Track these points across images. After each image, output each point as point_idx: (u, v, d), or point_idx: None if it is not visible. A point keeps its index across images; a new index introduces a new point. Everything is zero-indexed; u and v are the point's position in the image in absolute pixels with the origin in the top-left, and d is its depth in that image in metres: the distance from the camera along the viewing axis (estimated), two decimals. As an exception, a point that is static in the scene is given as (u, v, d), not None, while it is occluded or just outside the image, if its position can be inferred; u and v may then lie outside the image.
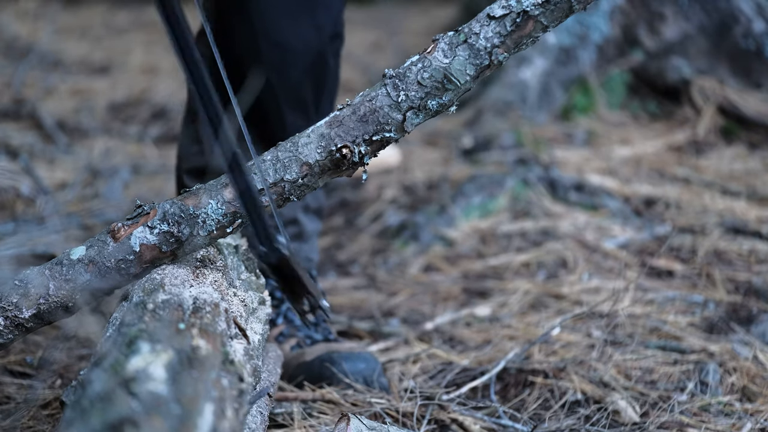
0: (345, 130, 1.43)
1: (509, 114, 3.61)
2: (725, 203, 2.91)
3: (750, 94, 3.65)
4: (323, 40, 1.92)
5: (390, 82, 1.43)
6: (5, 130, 3.48)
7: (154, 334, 1.18)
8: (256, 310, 1.57)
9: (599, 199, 2.94)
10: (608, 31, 3.86)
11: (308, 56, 1.91)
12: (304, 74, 1.92)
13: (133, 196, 2.82)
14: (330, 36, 1.94)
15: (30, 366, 1.88)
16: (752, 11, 3.76)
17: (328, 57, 1.94)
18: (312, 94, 1.93)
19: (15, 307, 1.42)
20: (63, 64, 4.63)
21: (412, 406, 1.79)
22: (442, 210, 2.86)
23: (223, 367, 1.22)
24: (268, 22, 1.88)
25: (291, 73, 1.91)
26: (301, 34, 1.90)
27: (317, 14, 1.91)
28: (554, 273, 2.50)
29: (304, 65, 1.92)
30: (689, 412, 1.82)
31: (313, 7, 1.90)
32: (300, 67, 1.91)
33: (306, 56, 1.91)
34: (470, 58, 1.41)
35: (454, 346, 2.13)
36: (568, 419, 1.80)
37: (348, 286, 2.50)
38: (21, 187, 2.78)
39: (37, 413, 1.68)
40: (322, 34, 1.92)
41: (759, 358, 2.00)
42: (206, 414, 1.07)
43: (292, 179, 1.44)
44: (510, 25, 1.40)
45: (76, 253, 1.43)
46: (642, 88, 3.83)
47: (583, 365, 1.97)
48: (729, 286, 2.40)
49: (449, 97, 1.42)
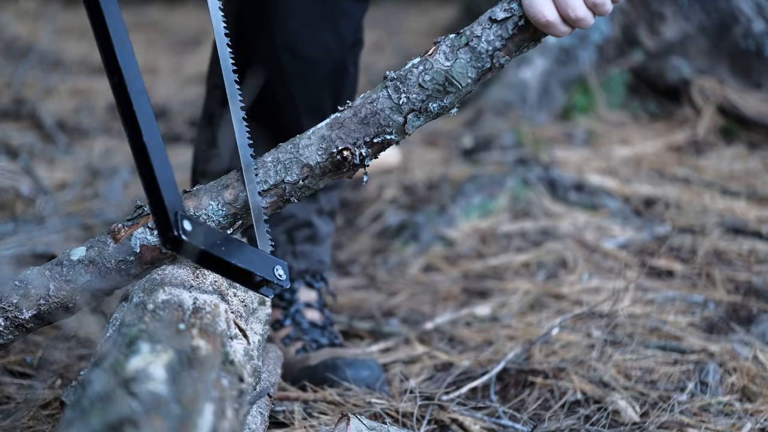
0: (346, 132, 1.43)
1: (509, 114, 3.61)
2: (725, 203, 2.91)
3: (750, 94, 3.65)
4: (344, 49, 1.90)
5: (391, 85, 1.42)
6: (5, 130, 3.48)
7: (154, 334, 1.18)
8: (256, 310, 1.57)
9: (599, 199, 2.94)
10: (608, 31, 3.86)
11: (329, 66, 1.89)
12: (324, 84, 1.90)
13: (133, 196, 2.82)
14: (351, 44, 1.91)
15: (30, 366, 1.88)
16: (752, 11, 3.76)
17: (348, 65, 1.92)
18: (330, 101, 1.90)
19: (15, 307, 1.42)
20: (63, 64, 4.62)
21: (412, 406, 1.79)
22: (442, 210, 2.86)
23: (223, 367, 1.22)
24: (288, 34, 1.85)
25: (311, 84, 1.89)
26: (322, 45, 1.87)
27: (339, 23, 1.88)
28: (554, 273, 2.50)
29: (325, 75, 1.89)
30: (689, 412, 1.82)
31: (334, 15, 1.87)
32: (320, 77, 1.89)
33: (327, 66, 1.89)
34: (472, 61, 1.40)
35: (454, 346, 2.13)
36: (568, 419, 1.80)
37: (348, 286, 2.50)
38: (21, 187, 2.78)
39: (37, 413, 1.68)
40: (343, 43, 1.89)
41: (759, 358, 2.00)
42: (206, 414, 1.07)
43: (293, 181, 1.44)
44: (512, 28, 1.40)
45: (76, 254, 1.43)
46: (642, 88, 3.83)
47: (583, 365, 1.97)
48: (729, 286, 2.40)
49: (450, 100, 1.42)
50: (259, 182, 1.43)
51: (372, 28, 1.93)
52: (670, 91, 3.77)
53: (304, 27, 1.86)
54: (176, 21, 5.60)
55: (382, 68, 4.39)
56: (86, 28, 1.30)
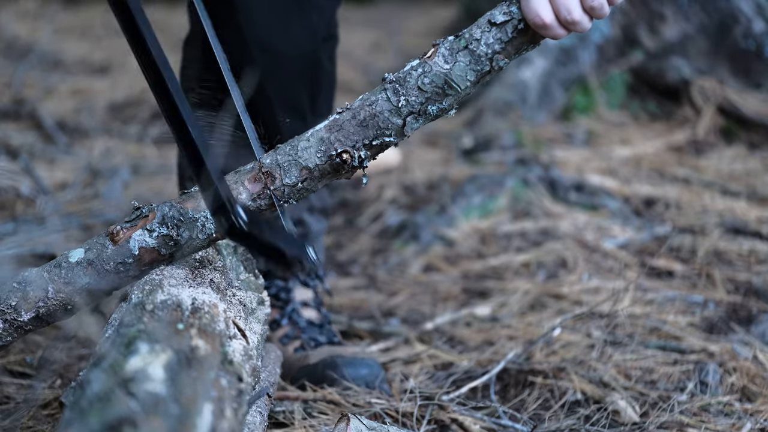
0: (345, 135, 1.43)
1: (509, 114, 3.61)
2: (725, 203, 2.91)
3: (750, 94, 3.65)
4: (316, 43, 1.90)
5: (390, 87, 1.42)
6: (5, 130, 3.48)
7: (153, 334, 1.18)
8: (255, 310, 1.57)
9: (599, 199, 2.94)
10: (608, 31, 3.86)
11: (301, 60, 1.88)
12: (298, 79, 1.89)
13: (132, 196, 2.82)
14: (323, 38, 1.91)
15: (30, 366, 1.88)
16: (752, 11, 3.75)
17: (322, 59, 1.91)
18: (307, 98, 1.90)
19: (14, 310, 1.42)
20: (63, 64, 4.63)
21: (412, 406, 1.79)
22: (442, 210, 2.86)
23: (222, 367, 1.22)
24: (257, 29, 1.84)
25: (284, 79, 1.88)
26: (292, 39, 1.87)
27: (309, 17, 1.87)
28: (554, 273, 2.50)
29: (298, 70, 1.89)
30: (689, 412, 1.82)
31: (304, 9, 1.87)
32: (293, 72, 1.88)
33: (299, 60, 1.88)
34: (471, 63, 1.40)
35: (454, 346, 2.13)
36: (568, 419, 1.80)
37: (348, 286, 2.50)
38: (21, 187, 2.78)
39: (36, 413, 1.68)
40: (315, 37, 1.89)
41: (759, 358, 2.00)
42: (205, 414, 1.07)
43: (292, 183, 1.43)
44: (511, 31, 1.40)
45: (75, 256, 1.43)
46: (642, 88, 3.83)
47: (583, 365, 1.97)
48: (729, 286, 2.40)
49: (449, 102, 1.42)
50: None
51: (372, 28, 1.93)
52: (670, 91, 3.77)
53: (274, 21, 1.85)
54: (177, 21, 5.60)
55: (381, 68, 4.39)
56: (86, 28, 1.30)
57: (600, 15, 1.40)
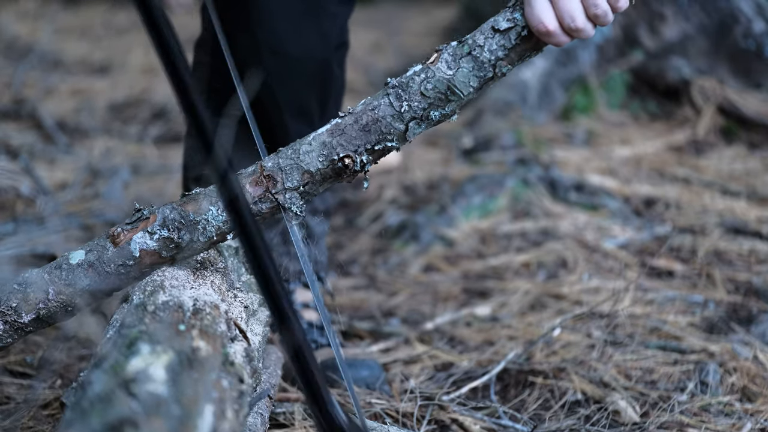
0: (347, 139, 1.42)
1: (509, 114, 3.61)
2: (725, 203, 2.91)
3: (750, 94, 3.66)
4: (328, 50, 1.89)
5: (393, 92, 1.42)
6: (5, 130, 3.48)
7: (155, 335, 1.18)
8: (256, 311, 1.57)
9: (599, 199, 2.94)
10: (608, 31, 3.86)
11: (312, 66, 1.88)
12: (309, 84, 1.89)
13: (133, 197, 2.82)
14: (335, 45, 1.91)
15: (30, 366, 1.88)
16: (752, 11, 3.76)
17: (333, 66, 1.91)
18: (317, 104, 1.89)
19: (14, 311, 1.42)
20: (63, 64, 4.63)
21: (412, 406, 1.79)
22: (442, 210, 2.86)
23: (224, 368, 1.22)
24: (270, 32, 1.83)
25: (294, 84, 1.88)
26: (304, 44, 1.86)
27: (322, 23, 1.87)
28: (554, 273, 2.50)
29: (309, 75, 1.88)
30: (689, 412, 1.82)
31: (317, 15, 1.86)
32: (304, 78, 1.88)
33: (310, 66, 1.87)
34: (474, 70, 1.40)
35: (454, 346, 2.13)
36: (568, 419, 1.80)
37: (348, 286, 2.50)
38: (21, 187, 2.78)
39: (37, 413, 1.68)
40: (327, 44, 1.88)
41: (759, 358, 2.00)
42: (206, 415, 1.07)
43: (294, 187, 1.43)
44: (515, 38, 1.39)
45: (76, 258, 1.43)
46: (642, 88, 3.83)
47: (583, 365, 1.97)
48: (729, 286, 2.40)
49: (452, 108, 1.42)
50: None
51: (372, 28, 1.93)
52: (670, 91, 3.77)
53: (287, 26, 1.85)
54: (177, 21, 5.59)
55: (381, 68, 4.39)
56: (86, 28, 1.30)
57: (604, 22, 1.39)
